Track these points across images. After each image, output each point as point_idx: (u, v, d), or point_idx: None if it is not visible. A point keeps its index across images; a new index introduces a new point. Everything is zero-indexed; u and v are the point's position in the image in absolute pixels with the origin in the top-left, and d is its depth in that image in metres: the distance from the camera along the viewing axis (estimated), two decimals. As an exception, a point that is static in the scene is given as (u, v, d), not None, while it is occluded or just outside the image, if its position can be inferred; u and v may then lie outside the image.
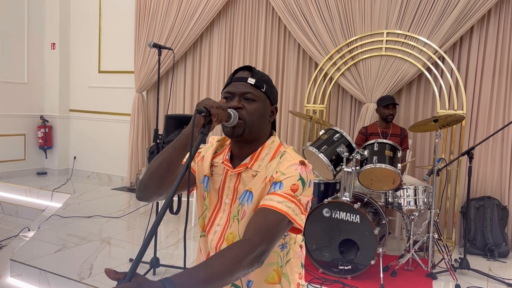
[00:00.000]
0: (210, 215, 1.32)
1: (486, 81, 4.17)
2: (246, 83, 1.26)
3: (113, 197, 5.55)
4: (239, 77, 1.27)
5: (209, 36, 5.58)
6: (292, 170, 1.20)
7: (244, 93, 1.25)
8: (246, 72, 1.28)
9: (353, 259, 3.23)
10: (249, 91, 1.25)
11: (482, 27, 4.17)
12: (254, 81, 1.26)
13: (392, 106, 4.03)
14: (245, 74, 1.28)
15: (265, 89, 1.27)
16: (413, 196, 3.50)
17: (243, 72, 1.28)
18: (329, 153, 3.39)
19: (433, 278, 3.34)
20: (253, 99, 1.25)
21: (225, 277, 1.01)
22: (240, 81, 1.26)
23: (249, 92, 1.25)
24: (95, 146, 6.64)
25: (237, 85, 1.26)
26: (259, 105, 1.26)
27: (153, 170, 1.21)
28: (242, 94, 1.25)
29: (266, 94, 1.28)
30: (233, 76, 1.29)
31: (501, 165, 4.15)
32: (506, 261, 3.86)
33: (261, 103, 1.26)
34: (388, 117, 4.04)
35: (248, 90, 1.25)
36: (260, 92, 1.27)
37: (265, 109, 1.28)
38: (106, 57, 6.49)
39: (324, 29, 4.64)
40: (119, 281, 0.91)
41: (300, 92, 5.01)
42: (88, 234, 4.03)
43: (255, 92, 1.25)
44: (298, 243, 1.35)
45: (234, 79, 1.28)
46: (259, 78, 1.27)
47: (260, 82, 1.26)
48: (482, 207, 4.04)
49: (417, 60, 4.25)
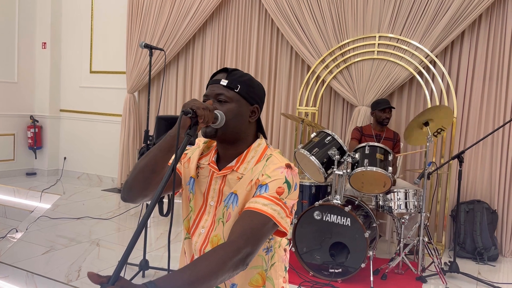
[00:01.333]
0: (195, 217, 1.32)
1: (477, 85, 4.20)
2: (219, 85, 1.26)
3: (103, 198, 5.50)
4: (214, 80, 1.29)
5: (202, 37, 5.56)
6: (278, 173, 1.20)
7: (217, 95, 1.26)
8: (222, 74, 1.29)
9: (344, 262, 3.23)
10: (221, 93, 1.26)
11: (473, 32, 4.20)
12: (226, 82, 1.26)
13: (388, 109, 4.05)
14: (220, 76, 1.28)
15: (239, 90, 1.26)
16: (403, 200, 3.51)
17: (218, 75, 1.30)
18: (321, 156, 3.38)
19: (423, 281, 3.34)
20: (225, 101, 1.25)
21: (210, 279, 1.00)
22: (214, 83, 1.28)
23: (221, 94, 1.25)
24: (86, 147, 6.58)
25: (212, 87, 1.28)
26: (231, 106, 1.25)
27: (138, 171, 1.19)
28: (215, 96, 1.26)
29: (240, 94, 1.27)
30: (211, 79, 1.31)
31: (490, 169, 4.18)
32: (496, 264, 3.88)
33: (234, 103, 1.26)
34: (384, 121, 4.05)
35: (220, 91, 1.26)
36: (233, 92, 1.26)
37: (240, 109, 1.27)
38: (97, 57, 6.44)
39: (316, 32, 4.65)
40: (102, 285, 0.90)
41: (292, 94, 5.01)
42: (77, 236, 3.99)
43: (227, 93, 1.25)
44: (283, 246, 1.35)
45: (210, 81, 1.30)
46: (234, 79, 1.27)
47: (233, 83, 1.26)
48: (472, 210, 4.07)
49: (409, 64, 4.27)
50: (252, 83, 1.30)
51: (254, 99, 1.30)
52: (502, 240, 4.11)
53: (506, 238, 4.09)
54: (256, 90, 1.31)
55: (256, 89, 1.31)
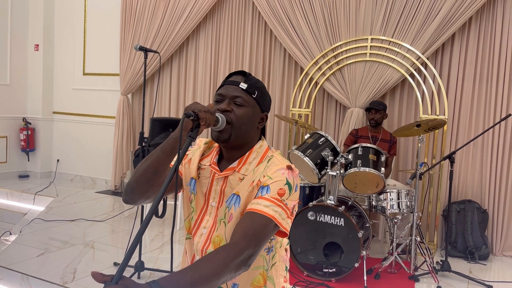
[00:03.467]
0: (197, 217, 1.33)
1: (467, 87, 4.27)
2: (238, 87, 1.27)
3: (97, 200, 5.49)
4: (232, 81, 1.29)
5: (195, 39, 5.58)
6: (279, 174, 1.22)
7: (234, 97, 1.26)
8: (240, 76, 1.29)
9: (337, 262, 3.27)
10: (239, 96, 1.26)
11: (463, 35, 4.27)
12: (246, 86, 1.27)
13: (374, 110, 4.08)
14: (239, 78, 1.29)
15: (256, 96, 1.28)
16: (396, 200, 3.55)
17: (236, 77, 1.30)
18: (314, 157, 3.42)
19: (415, 280, 3.39)
20: (242, 104, 1.26)
21: (212, 280, 1.02)
22: (232, 84, 1.28)
23: (239, 97, 1.26)
24: (79, 149, 6.56)
25: (229, 88, 1.28)
26: (248, 110, 1.27)
27: (141, 173, 1.20)
28: (232, 98, 1.27)
29: (256, 100, 1.29)
30: (227, 79, 1.31)
31: (481, 169, 4.25)
32: (486, 263, 3.94)
33: (250, 108, 1.27)
34: (370, 122, 4.10)
35: (238, 94, 1.26)
36: (251, 98, 1.28)
37: (254, 115, 1.29)
38: (91, 59, 6.43)
39: (309, 34, 4.69)
40: (106, 283, 0.91)
41: (285, 96, 5.05)
42: (71, 238, 3.99)
43: (245, 97, 1.27)
44: (284, 246, 1.36)
45: (227, 82, 1.29)
46: (252, 84, 1.28)
47: (252, 88, 1.28)
48: (463, 210, 4.13)
49: (401, 66, 4.32)
50: (265, 91, 1.32)
51: (266, 107, 1.33)
52: (493, 239, 4.18)
53: (497, 237, 4.16)
54: (267, 98, 1.34)
55: (268, 98, 1.34)
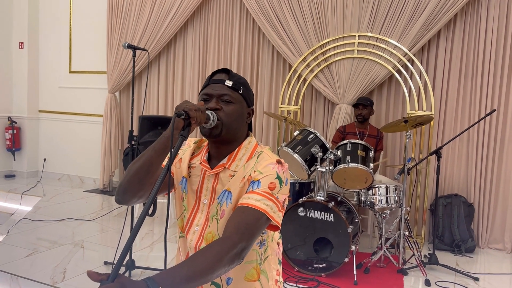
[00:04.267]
0: (189, 215, 1.34)
1: (453, 83, 4.33)
2: (224, 85, 1.28)
3: (85, 200, 5.45)
4: (217, 79, 1.30)
5: (183, 37, 5.56)
6: (269, 169, 1.23)
7: (221, 95, 1.28)
8: (224, 74, 1.31)
9: (328, 257, 3.30)
10: (226, 93, 1.28)
11: (448, 31, 4.33)
12: (231, 83, 1.28)
13: (361, 106, 4.12)
14: (223, 76, 1.30)
15: (242, 91, 1.30)
16: (384, 195, 3.60)
17: (220, 75, 1.31)
18: (304, 154, 3.45)
19: (404, 274, 3.44)
20: (230, 101, 1.28)
21: (207, 274, 1.03)
22: (217, 83, 1.29)
23: (226, 94, 1.28)
24: (66, 148, 6.50)
25: (215, 87, 1.29)
26: (236, 107, 1.29)
27: (133, 173, 1.21)
28: (219, 96, 1.28)
29: (243, 96, 1.31)
30: (211, 78, 1.32)
31: (467, 164, 4.32)
32: (473, 256, 4.02)
33: (238, 104, 1.29)
34: (357, 117, 4.14)
35: (225, 92, 1.28)
36: (237, 94, 1.29)
37: (242, 111, 1.31)
38: (77, 57, 6.36)
39: (297, 31, 4.71)
40: (102, 282, 0.92)
41: (274, 93, 5.07)
42: (60, 238, 3.96)
43: (232, 94, 1.28)
44: (276, 240, 1.39)
45: (212, 81, 1.30)
46: (236, 80, 1.30)
47: (237, 85, 1.29)
48: (450, 204, 4.20)
49: (388, 62, 4.37)
50: (249, 86, 1.35)
51: (251, 102, 1.35)
52: (479, 232, 4.26)
53: (482, 230, 4.24)
54: (251, 93, 1.36)
55: (251, 92, 1.36)
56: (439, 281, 3.35)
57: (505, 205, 4.15)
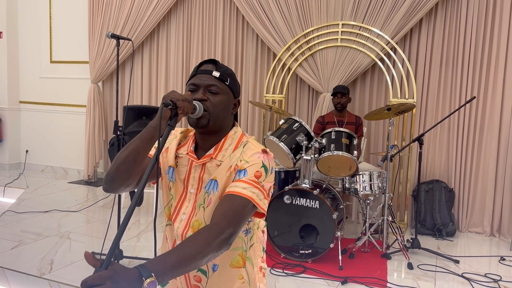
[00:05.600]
0: (176, 204, 1.36)
1: (434, 71, 4.41)
2: (211, 76, 1.30)
3: (70, 191, 5.41)
4: (204, 70, 1.31)
5: (167, 26, 5.51)
6: (255, 158, 1.26)
7: (208, 86, 1.29)
8: (211, 65, 1.32)
9: (313, 243, 3.36)
10: (213, 84, 1.29)
11: (430, 20, 4.40)
12: (218, 74, 1.30)
13: (340, 95, 4.16)
14: (210, 67, 1.32)
15: (229, 82, 1.32)
16: (368, 182, 3.67)
17: (207, 65, 1.32)
18: (289, 142, 3.48)
19: (387, 258, 3.54)
20: (217, 92, 1.29)
21: (197, 259, 1.06)
22: (204, 73, 1.30)
23: (213, 85, 1.29)
24: (49, 139, 6.41)
25: (202, 77, 1.30)
26: (223, 98, 1.30)
27: (120, 162, 1.22)
28: (206, 87, 1.29)
29: (229, 87, 1.33)
30: (198, 68, 1.33)
31: (448, 150, 4.43)
32: (453, 239, 4.14)
33: (225, 95, 1.31)
34: (336, 106, 4.18)
35: (212, 82, 1.29)
36: (224, 85, 1.31)
37: (229, 102, 1.33)
38: (58, 47, 6.25)
39: (281, 20, 4.72)
40: (96, 269, 0.94)
41: (259, 82, 5.08)
42: (46, 230, 3.94)
43: (219, 85, 1.30)
44: (261, 228, 1.42)
45: (199, 71, 1.31)
46: (223, 71, 1.31)
47: (224, 76, 1.31)
48: (431, 190, 4.30)
49: (371, 51, 4.42)
50: (235, 77, 1.36)
51: (238, 92, 1.37)
52: (459, 216, 4.38)
53: (462, 214, 4.37)
54: (238, 84, 1.38)
55: (238, 83, 1.38)
56: (421, 264, 3.45)
57: (484, 190, 4.28)
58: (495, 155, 4.21)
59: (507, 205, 4.20)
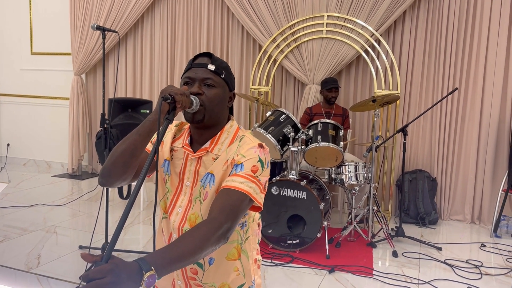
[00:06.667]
0: (172, 197, 1.37)
1: (417, 62, 4.48)
2: (206, 69, 1.29)
3: (54, 185, 5.35)
4: (199, 63, 1.30)
5: (151, 17, 5.45)
6: (251, 152, 1.27)
7: (204, 79, 1.29)
8: (206, 58, 1.32)
9: (301, 233, 3.41)
10: (209, 77, 1.29)
11: (413, 13, 4.45)
12: (214, 67, 1.30)
13: (335, 89, 4.23)
14: (205, 60, 1.31)
15: (224, 76, 1.32)
16: (354, 172, 3.73)
17: (202, 58, 1.32)
18: (276, 134, 3.51)
19: (373, 246, 3.61)
20: (213, 85, 1.29)
21: (196, 254, 1.08)
22: (200, 67, 1.30)
23: (209, 78, 1.29)
24: (31, 132, 6.31)
25: (197, 70, 1.30)
26: (218, 91, 1.30)
27: (117, 156, 1.22)
28: (202, 80, 1.29)
29: (225, 80, 1.32)
30: (193, 62, 1.32)
31: (430, 141, 4.52)
32: (436, 227, 4.25)
33: (220, 89, 1.31)
34: (331, 100, 4.24)
35: (208, 76, 1.29)
36: (220, 78, 1.31)
37: (224, 95, 1.33)
38: (39, 38, 6.12)
39: (267, 12, 4.72)
40: (96, 263, 0.95)
41: (245, 74, 5.08)
42: (31, 224, 3.89)
43: (215, 78, 1.30)
44: (256, 221, 1.44)
45: (194, 65, 1.31)
46: (218, 64, 1.31)
47: (219, 69, 1.31)
48: (415, 179, 4.40)
49: (356, 43, 4.46)
50: (230, 70, 1.36)
51: (233, 86, 1.37)
52: (441, 205, 4.49)
53: (444, 203, 4.48)
54: (233, 77, 1.38)
55: (233, 76, 1.38)
56: (406, 252, 3.54)
57: (465, 179, 4.39)
58: (476, 145, 4.32)
59: (487, 193, 4.33)
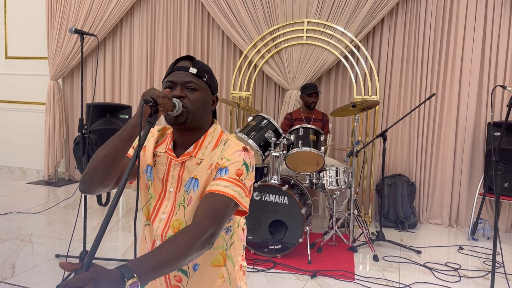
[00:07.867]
0: (155, 203, 1.34)
1: (396, 68, 4.56)
2: (188, 73, 1.28)
3: (30, 192, 5.20)
4: (181, 67, 1.29)
5: (130, 21, 5.39)
6: (236, 156, 1.26)
7: (186, 82, 1.27)
8: (187, 61, 1.30)
9: (282, 239, 3.40)
10: (191, 80, 1.27)
11: (391, 19, 4.53)
12: (195, 70, 1.28)
13: (315, 94, 4.26)
14: (186, 63, 1.30)
15: (206, 79, 1.30)
16: (335, 177, 3.75)
17: (184, 62, 1.30)
18: (258, 139, 3.51)
19: (354, 251, 3.63)
20: (195, 88, 1.28)
21: (180, 260, 1.05)
22: (181, 70, 1.28)
23: (191, 82, 1.27)
24: (5, 138, 6.13)
25: (179, 74, 1.28)
26: (201, 94, 1.29)
27: (98, 162, 1.18)
28: (184, 83, 1.27)
29: (207, 83, 1.31)
30: (174, 65, 1.31)
31: (409, 145, 4.59)
32: (415, 231, 4.30)
33: (202, 92, 1.30)
34: (311, 105, 4.27)
35: (190, 79, 1.27)
36: (202, 81, 1.30)
37: (207, 98, 1.32)
38: (13, 42, 5.97)
39: (247, 17, 4.72)
40: (76, 271, 0.91)
41: (225, 79, 5.07)
42: (5, 233, 3.77)
43: (197, 81, 1.28)
44: (241, 226, 1.42)
45: (176, 68, 1.29)
46: (200, 67, 1.30)
47: (201, 72, 1.29)
48: (394, 184, 4.45)
49: (335, 49, 4.51)
50: (212, 74, 1.35)
51: (215, 89, 1.36)
52: (420, 208, 4.56)
53: (423, 207, 4.55)
54: (215, 80, 1.37)
55: (215, 80, 1.37)
56: (386, 256, 3.57)
57: (443, 183, 4.47)
58: (453, 149, 4.40)
59: (463, 197, 4.41)
